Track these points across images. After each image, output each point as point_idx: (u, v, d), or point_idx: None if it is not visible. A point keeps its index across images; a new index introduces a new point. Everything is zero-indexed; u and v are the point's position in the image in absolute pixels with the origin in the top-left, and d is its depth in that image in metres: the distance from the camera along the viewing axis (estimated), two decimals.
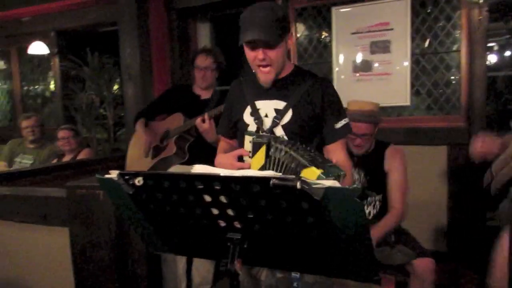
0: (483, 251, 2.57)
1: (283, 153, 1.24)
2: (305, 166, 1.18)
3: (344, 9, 2.95)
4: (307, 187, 0.75)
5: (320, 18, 3.05)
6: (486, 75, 2.61)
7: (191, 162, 2.34)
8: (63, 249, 1.44)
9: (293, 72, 1.49)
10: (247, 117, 1.48)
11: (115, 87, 4.14)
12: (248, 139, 1.36)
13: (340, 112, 1.46)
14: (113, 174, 0.95)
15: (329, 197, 0.76)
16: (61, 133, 3.42)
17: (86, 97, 3.94)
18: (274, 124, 1.41)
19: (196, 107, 2.41)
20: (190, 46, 3.59)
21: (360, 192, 0.75)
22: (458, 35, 2.64)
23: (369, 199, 2.15)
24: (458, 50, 2.65)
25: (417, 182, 2.43)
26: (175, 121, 2.47)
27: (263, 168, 1.28)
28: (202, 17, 3.65)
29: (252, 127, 1.45)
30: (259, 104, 1.46)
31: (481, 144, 1.79)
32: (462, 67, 2.64)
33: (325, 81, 1.48)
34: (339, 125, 1.44)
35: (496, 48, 6.01)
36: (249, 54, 1.43)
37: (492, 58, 5.94)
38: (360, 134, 2.06)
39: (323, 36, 3.08)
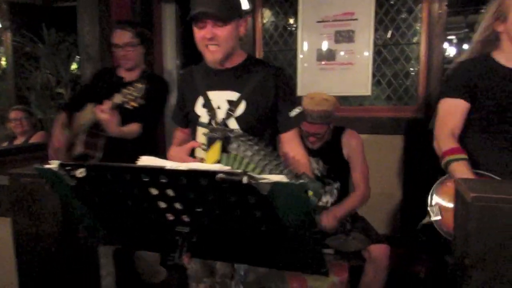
0: (433, 237, 2.70)
1: (242, 150, 1.21)
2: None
3: None
4: (253, 182, 0.74)
5: (287, 5, 3.02)
6: (443, 67, 2.69)
7: (111, 160, 2.07)
8: (5, 240, 1.37)
9: (246, 61, 1.46)
10: (199, 108, 1.44)
11: (73, 66, 3.95)
12: (201, 131, 1.33)
13: (294, 100, 1.46)
14: (54, 164, 0.90)
15: (276, 192, 0.75)
16: (13, 114, 3.26)
17: (41, 76, 3.74)
18: (228, 116, 1.38)
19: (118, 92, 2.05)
20: (154, 27, 3.46)
21: (307, 188, 0.75)
22: (418, 27, 2.69)
23: (327, 187, 2.19)
24: (417, 43, 2.71)
25: (374, 170, 2.49)
26: (88, 114, 2.08)
27: (218, 163, 1.26)
28: None
29: (205, 118, 1.42)
30: (211, 95, 1.42)
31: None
32: (421, 59, 2.70)
33: (279, 70, 1.45)
34: (293, 113, 1.43)
35: (455, 41, 6.21)
36: (197, 34, 1.37)
37: (451, 51, 6.14)
38: (311, 133, 2.08)
39: (289, 23, 3.05)
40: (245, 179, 0.74)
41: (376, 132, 2.79)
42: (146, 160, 0.91)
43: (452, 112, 1.67)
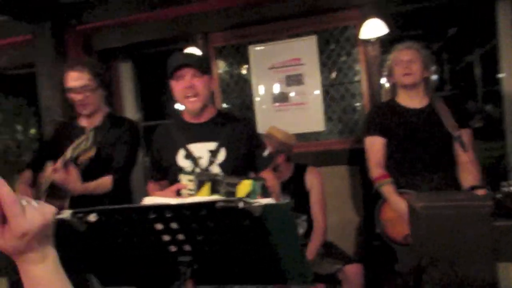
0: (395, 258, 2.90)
1: (223, 185, 1.39)
2: (238, 183, 1.36)
3: (259, 47, 3.23)
4: (248, 206, 0.90)
5: (238, 56, 3.30)
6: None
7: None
8: None
9: (217, 115, 1.68)
10: (181, 160, 1.60)
11: (32, 131, 3.96)
12: (185, 178, 1.51)
13: (264, 144, 1.71)
14: (65, 214, 1.01)
15: (267, 213, 0.91)
16: None
17: (1, 143, 3.71)
18: (210, 163, 1.56)
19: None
20: (112, 86, 3.60)
21: (292, 206, 0.92)
22: (358, 67, 3.05)
23: (297, 220, 2.36)
24: (359, 81, 3.05)
25: (335, 199, 2.70)
26: (47, 174, 1.87)
27: None
28: (123, 57, 3.70)
29: (188, 168, 1.58)
30: (191, 147, 1.59)
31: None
32: (364, 95, 3.03)
33: (248, 121, 1.72)
34: (265, 153, 1.66)
35: None
36: (176, 87, 1.58)
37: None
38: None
39: (242, 72, 3.32)
40: (241, 204, 0.89)
41: (334, 164, 3.03)
42: (149, 200, 1.05)
43: (373, 147, 2.10)
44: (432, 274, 1.23)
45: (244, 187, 1.40)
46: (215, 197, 0.99)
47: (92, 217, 0.98)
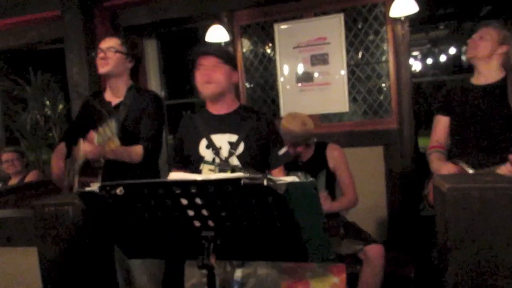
0: (418, 238, 2.89)
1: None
2: None
3: (284, 26, 3.19)
4: (272, 183, 0.91)
5: (263, 34, 3.26)
6: (411, 81, 2.96)
7: None
8: (32, 269, 1.46)
9: (239, 108, 1.72)
10: (203, 149, 1.64)
11: (60, 106, 4.06)
12: (206, 168, 1.57)
13: (282, 142, 1.72)
14: (94, 186, 1.04)
15: (290, 191, 0.91)
16: (5, 156, 3.32)
17: (30, 117, 3.83)
18: (230, 154, 1.61)
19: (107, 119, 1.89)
20: (140, 62, 3.64)
21: (316, 185, 0.92)
22: (385, 47, 2.97)
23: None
24: (386, 61, 2.97)
25: (358, 179, 2.68)
26: (80, 151, 1.86)
27: None
28: (148, 34, 3.72)
29: (209, 158, 1.63)
30: (214, 137, 1.64)
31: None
32: (391, 76, 2.96)
33: (268, 117, 1.74)
34: (281, 152, 1.69)
35: (419, 56, 6.65)
36: (198, 78, 1.64)
37: (417, 66, 6.56)
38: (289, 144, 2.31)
39: (267, 51, 3.29)
40: (265, 182, 0.90)
41: (357, 145, 3.00)
42: (175, 175, 1.07)
43: (437, 126, 2.11)
44: (457, 256, 1.22)
45: None
46: (241, 173, 0.99)
47: (119, 191, 1.01)
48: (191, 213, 1.03)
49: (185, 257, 1.33)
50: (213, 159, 1.62)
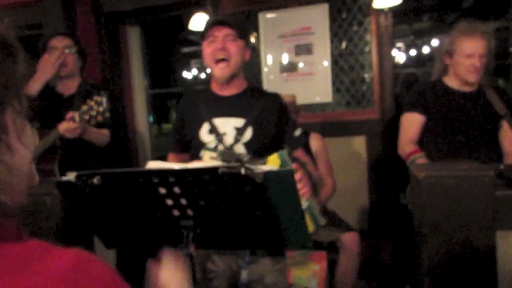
0: (398, 226, 2.95)
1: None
2: (265, 163, 1.29)
3: (270, 15, 3.17)
4: (250, 172, 0.91)
5: (248, 23, 3.23)
6: (393, 72, 2.99)
7: None
8: None
9: (247, 89, 1.55)
10: (205, 134, 1.48)
11: None
12: (208, 155, 1.42)
13: (295, 123, 1.60)
14: (71, 176, 1.03)
15: (268, 179, 0.92)
16: None
17: None
18: (236, 141, 1.45)
19: (60, 110, 1.95)
20: (120, 50, 3.58)
21: (293, 173, 0.93)
22: (369, 38, 2.98)
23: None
24: (369, 52, 2.99)
25: (341, 169, 2.71)
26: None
27: None
28: (131, 22, 3.65)
29: (211, 144, 1.46)
30: (217, 121, 1.48)
31: None
32: (374, 66, 2.99)
33: (278, 97, 1.57)
34: (297, 132, 1.55)
35: (403, 48, 6.71)
36: (207, 49, 1.44)
37: (400, 57, 6.62)
38: None
39: (251, 40, 3.27)
40: (243, 171, 0.90)
41: (340, 135, 3.03)
42: (153, 164, 1.06)
43: (410, 124, 2.05)
44: (431, 241, 1.25)
45: (273, 162, 1.29)
46: (218, 162, 1.00)
47: (96, 180, 1.00)
48: (169, 202, 1.03)
49: (164, 246, 1.34)
50: (216, 146, 1.46)
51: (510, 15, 2.77)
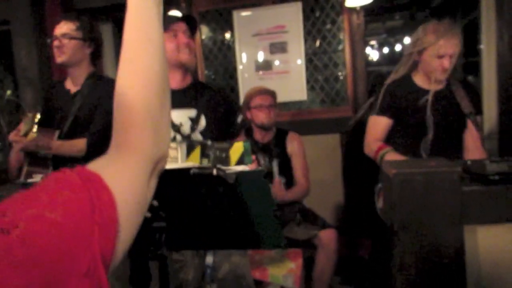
0: (373, 222, 3.01)
1: (213, 149, 1.38)
2: (229, 147, 1.35)
3: (244, 13, 3.16)
4: (222, 173, 0.91)
5: (222, 21, 3.22)
6: (366, 70, 3.04)
7: None
8: None
9: (194, 83, 1.68)
10: None
11: (8, 92, 3.84)
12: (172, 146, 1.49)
13: (237, 111, 1.76)
14: (37, 178, 1.00)
15: (240, 180, 0.92)
16: None
17: None
18: (192, 130, 1.57)
19: (67, 107, 1.90)
20: (99, 46, 3.49)
21: (264, 173, 0.93)
22: (342, 36, 3.02)
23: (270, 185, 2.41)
24: (342, 50, 3.03)
25: (316, 166, 2.74)
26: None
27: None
28: (103, 18, 3.57)
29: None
30: (172, 113, 1.56)
31: None
32: (347, 65, 3.03)
33: (223, 91, 1.77)
34: (239, 119, 1.71)
35: (376, 45, 6.82)
36: (171, 42, 1.54)
37: (374, 55, 6.73)
38: (267, 105, 2.37)
39: (226, 38, 3.25)
40: (214, 171, 0.90)
41: (315, 133, 3.06)
42: None
43: (377, 126, 2.07)
44: (403, 237, 1.28)
45: (237, 149, 1.40)
46: (190, 163, 0.99)
47: None
48: None
49: (137, 250, 1.32)
50: (174, 137, 1.55)
51: (479, 12, 2.85)
